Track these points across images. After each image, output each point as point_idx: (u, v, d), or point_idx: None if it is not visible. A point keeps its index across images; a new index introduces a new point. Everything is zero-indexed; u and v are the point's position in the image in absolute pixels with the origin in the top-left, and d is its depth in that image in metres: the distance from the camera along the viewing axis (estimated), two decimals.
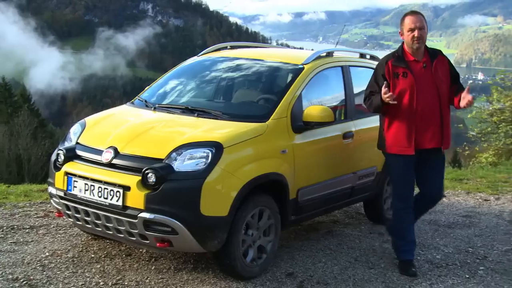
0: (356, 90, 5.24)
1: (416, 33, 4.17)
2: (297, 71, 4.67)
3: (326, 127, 4.61)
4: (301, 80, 4.57)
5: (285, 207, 4.27)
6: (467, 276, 4.35)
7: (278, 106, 4.34)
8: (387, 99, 4.06)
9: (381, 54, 5.45)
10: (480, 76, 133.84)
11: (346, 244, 4.97)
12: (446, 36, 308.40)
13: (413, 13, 4.30)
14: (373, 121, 5.43)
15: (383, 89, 4.07)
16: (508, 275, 4.41)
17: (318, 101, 4.71)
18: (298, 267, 4.37)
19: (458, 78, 4.42)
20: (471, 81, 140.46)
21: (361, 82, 5.45)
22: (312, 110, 4.39)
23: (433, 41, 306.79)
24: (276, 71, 4.94)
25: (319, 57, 4.92)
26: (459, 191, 7.67)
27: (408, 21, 4.23)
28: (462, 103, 4.17)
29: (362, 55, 5.77)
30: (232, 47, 5.61)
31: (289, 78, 4.66)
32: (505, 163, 12.33)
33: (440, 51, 4.35)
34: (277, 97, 4.45)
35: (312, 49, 5.34)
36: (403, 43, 4.32)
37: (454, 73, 4.39)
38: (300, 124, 4.38)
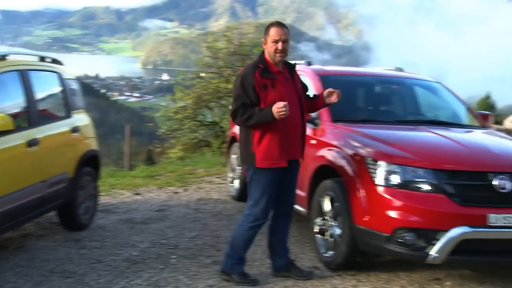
0: (39, 95, 5.02)
1: (280, 45, 4.08)
2: None
3: (6, 136, 4.29)
4: None
5: None
6: (161, 267, 4.58)
7: None
8: (282, 115, 3.91)
9: (68, 57, 5.34)
10: (165, 76, 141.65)
11: (39, 257, 4.73)
12: (131, 39, 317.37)
13: (279, 24, 4.17)
14: (60, 127, 5.31)
15: (281, 106, 3.89)
16: (195, 259, 4.80)
17: None
18: None
19: (307, 89, 4.46)
20: (157, 82, 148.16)
21: (44, 87, 5.26)
22: None
23: (119, 43, 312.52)
24: None
25: None
26: (152, 187, 8.08)
27: (273, 32, 4.11)
28: (332, 99, 4.30)
29: (43, 59, 5.55)
30: None
31: None
32: (191, 157, 13.45)
33: (294, 65, 4.34)
34: None
35: None
36: (263, 52, 4.20)
37: (304, 84, 4.41)
38: None
